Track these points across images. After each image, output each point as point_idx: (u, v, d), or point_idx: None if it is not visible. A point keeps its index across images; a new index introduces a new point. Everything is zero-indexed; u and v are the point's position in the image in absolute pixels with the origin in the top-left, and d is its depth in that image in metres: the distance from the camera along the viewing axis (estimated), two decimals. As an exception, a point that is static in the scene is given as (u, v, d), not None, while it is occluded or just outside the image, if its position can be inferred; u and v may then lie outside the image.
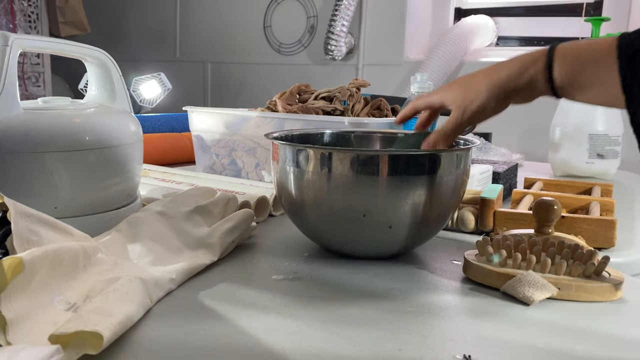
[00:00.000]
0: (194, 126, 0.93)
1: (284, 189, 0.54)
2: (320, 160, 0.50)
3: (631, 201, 0.88)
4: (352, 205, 0.50)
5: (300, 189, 0.52)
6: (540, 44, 2.26)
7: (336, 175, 0.49)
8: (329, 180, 0.50)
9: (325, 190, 0.50)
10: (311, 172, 0.50)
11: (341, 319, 0.40)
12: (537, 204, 0.53)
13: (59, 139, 0.51)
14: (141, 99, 1.90)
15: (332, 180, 0.50)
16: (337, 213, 0.51)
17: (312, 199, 0.51)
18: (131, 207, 0.59)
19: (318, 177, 0.50)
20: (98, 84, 0.62)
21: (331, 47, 2.42)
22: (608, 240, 0.58)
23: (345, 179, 0.49)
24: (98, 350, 0.33)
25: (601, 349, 0.37)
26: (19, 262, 0.34)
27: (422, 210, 0.50)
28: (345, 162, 0.49)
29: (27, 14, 2.71)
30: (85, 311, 0.35)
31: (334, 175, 0.49)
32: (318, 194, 0.51)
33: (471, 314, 0.42)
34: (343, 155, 0.49)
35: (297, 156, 0.51)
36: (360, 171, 0.49)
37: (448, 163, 0.51)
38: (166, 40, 3.12)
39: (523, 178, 0.85)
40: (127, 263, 0.46)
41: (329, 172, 0.50)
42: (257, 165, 0.85)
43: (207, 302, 0.43)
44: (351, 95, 0.86)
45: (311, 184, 0.51)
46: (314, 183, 0.50)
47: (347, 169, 0.49)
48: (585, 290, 0.45)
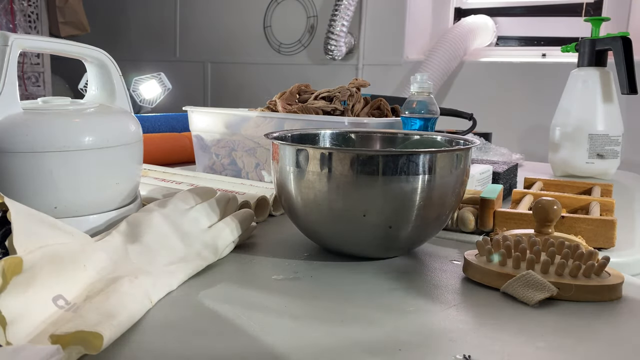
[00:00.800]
0: (194, 126, 0.93)
1: (283, 189, 0.54)
2: (320, 160, 0.50)
3: (631, 201, 0.88)
4: (352, 205, 0.50)
5: (300, 189, 0.52)
6: (540, 44, 2.26)
7: (336, 175, 0.49)
8: (328, 180, 0.50)
9: (325, 190, 0.50)
10: (311, 172, 0.50)
11: (341, 319, 0.40)
12: (537, 204, 0.53)
13: (59, 139, 0.51)
14: (141, 99, 1.90)
15: (332, 180, 0.50)
16: (337, 213, 0.51)
17: (311, 199, 0.51)
18: (131, 207, 0.59)
19: (318, 177, 0.50)
20: (98, 84, 0.62)
21: (331, 47, 2.43)
22: (608, 240, 0.58)
23: (345, 178, 0.49)
24: (98, 350, 0.33)
25: (601, 349, 0.37)
26: (18, 262, 0.34)
27: (422, 210, 0.50)
28: (345, 162, 0.49)
29: (27, 14, 2.71)
30: (85, 311, 0.35)
31: (334, 175, 0.49)
32: (318, 194, 0.51)
33: (471, 314, 0.42)
34: (343, 155, 0.49)
35: (297, 156, 0.51)
36: (360, 171, 0.49)
37: (448, 163, 0.51)
38: (166, 40, 3.12)
39: (523, 178, 0.85)
40: (127, 263, 0.46)
41: (328, 172, 0.50)
42: (257, 165, 0.85)
43: (207, 302, 0.43)
44: (351, 95, 0.86)
45: (311, 183, 0.51)
46: (313, 183, 0.50)
47: (347, 169, 0.49)
48: (585, 290, 0.45)
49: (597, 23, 1.09)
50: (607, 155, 1.06)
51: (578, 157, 1.07)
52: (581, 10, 2.15)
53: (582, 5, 2.15)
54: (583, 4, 2.14)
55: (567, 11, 2.20)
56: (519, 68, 2.19)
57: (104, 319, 0.34)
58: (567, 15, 2.20)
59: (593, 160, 1.06)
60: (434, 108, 0.80)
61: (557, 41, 2.21)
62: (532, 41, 2.29)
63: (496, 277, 0.47)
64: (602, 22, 1.09)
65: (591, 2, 2.13)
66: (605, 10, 2.10)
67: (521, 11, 2.32)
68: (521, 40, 2.32)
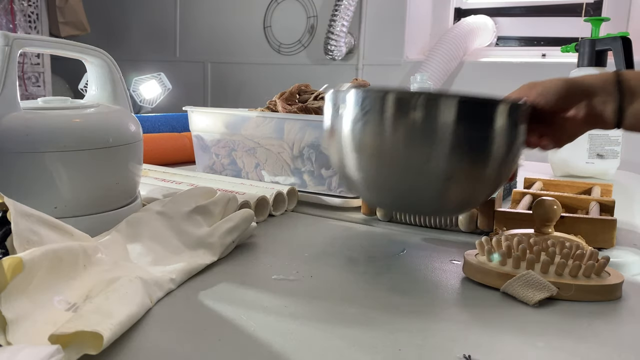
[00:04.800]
0: (194, 126, 0.93)
1: (341, 141, 0.51)
2: (382, 105, 0.47)
3: (631, 201, 0.88)
4: (414, 153, 0.48)
5: (362, 137, 0.49)
6: (540, 44, 2.26)
7: (401, 122, 0.47)
8: (393, 127, 0.47)
9: (388, 138, 0.47)
10: (374, 118, 0.48)
11: (341, 319, 0.40)
12: (537, 204, 0.53)
13: (59, 139, 0.51)
14: (141, 99, 1.90)
15: (396, 127, 0.47)
16: (398, 162, 0.48)
17: (374, 146, 0.49)
18: (131, 207, 0.59)
19: (380, 124, 0.48)
20: (98, 84, 0.62)
21: (331, 47, 2.42)
22: (608, 240, 0.58)
23: (413, 124, 0.47)
24: (98, 350, 0.33)
25: (601, 349, 0.37)
26: (19, 262, 0.34)
27: (480, 166, 0.49)
28: (412, 107, 0.47)
29: (27, 14, 2.71)
30: (86, 311, 0.35)
31: (398, 122, 0.47)
32: (380, 142, 0.48)
33: (471, 314, 0.42)
34: (409, 99, 0.47)
35: (363, 102, 0.48)
36: (426, 117, 0.46)
37: (515, 125, 0.49)
38: (166, 40, 3.12)
39: (523, 178, 0.85)
40: (127, 263, 0.46)
41: (394, 119, 0.47)
42: (257, 165, 0.85)
43: (207, 302, 0.43)
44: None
45: (374, 130, 0.48)
46: (376, 130, 0.48)
47: (414, 114, 0.47)
48: (585, 290, 0.45)
49: (597, 23, 1.09)
50: (607, 155, 1.06)
51: (578, 157, 1.07)
52: (581, 10, 2.15)
53: (582, 5, 2.15)
54: (583, 4, 2.14)
55: (567, 11, 2.20)
56: (518, 68, 2.19)
57: (104, 319, 0.34)
58: (567, 15, 2.20)
59: (593, 160, 1.06)
60: (434, 108, 0.79)
61: (557, 41, 2.21)
62: (532, 41, 2.29)
63: (496, 277, 0.47)
64: (602, 22, 1.09)
65: (591, 2, 2.13)
66: (605, 10, 2.10)
67: (521, 11, 2.32)
68: (521, 40, 2.32)
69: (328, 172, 0.78)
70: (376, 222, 0.69)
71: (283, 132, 0.80)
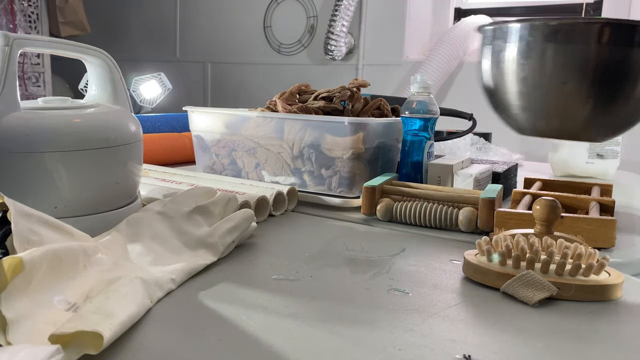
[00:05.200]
0: (194, 126, 0.93)
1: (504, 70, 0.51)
2: (534, 33, 0.48)
3: (631, 201, 0.88)
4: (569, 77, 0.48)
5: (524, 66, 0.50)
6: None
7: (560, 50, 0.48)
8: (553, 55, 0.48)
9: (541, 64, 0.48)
10: (529, 47, 0.49)
11: (341, 319, 0.40)
12: (536, 204, 0.53)
13: (59, 139, 0.51)
14: (141, 99, 1.90)
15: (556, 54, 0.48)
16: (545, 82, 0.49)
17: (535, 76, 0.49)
18: (131, 207, 0.59)
19: (542, 54, 0.48)
20: (98, 84, 0.62)
21: (331, 47, 2.43)
22: (608, 240, 0.58)
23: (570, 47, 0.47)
24: (98, 350, 0.33)
25: (601, 349, 0.37)
26: (19, 262, 0.34)
27: (625, 88, 0.48)
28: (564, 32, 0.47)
29: (27, 14, 2.71)
30: (86, 311, 0.35)
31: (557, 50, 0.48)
32: (536, 69, 0.49)
33: (471, 314, 0.42)
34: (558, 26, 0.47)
35: (529, 33, 0.49)
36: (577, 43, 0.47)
37: None
38: (166, 40, 3.12)
39: (523, 178, 0.85)
40: (127, 263, 0.46)
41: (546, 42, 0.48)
42: (257, 165, 0.85)
43: (207, 302, 0.43)
44: (351, 95, 0.86)
45: (537, 60, 0.49)
46: (539, 58, 0.49)
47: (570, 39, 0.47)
48: (585, 290, 0.45)
49: (597, 23, 1.09)
50: (607, 155, 1.06)
51: (578, 157, 1.07)
52: (581, 10, 2.15)
53: (582, 5, 2.15)
54: (583, 4, 2.14)
55: (567, 11, 2.20)
56: (519, 68, 2.19)
57: (104, 319, 0.34)
58: (567, 15, 2.20)
59: (593, 160, 1.06)
60: (434, 108, 0.80)
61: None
62: (532, 41, 2.29)
63: (496, 277, 0.47)
64: (602, 22, 1.09)
65: (591, 2, 2.13)
66: (605, 10, 2.10)
67: (521, 11, 2.32)
68: (521, 40, 2.32)
69: (328, 172, 0.78)
70: (376, 222, 0.69)
71: (283, 132, 0.81)
